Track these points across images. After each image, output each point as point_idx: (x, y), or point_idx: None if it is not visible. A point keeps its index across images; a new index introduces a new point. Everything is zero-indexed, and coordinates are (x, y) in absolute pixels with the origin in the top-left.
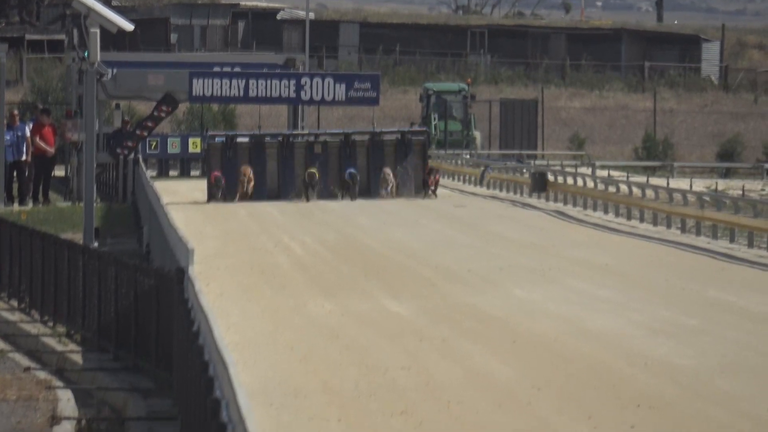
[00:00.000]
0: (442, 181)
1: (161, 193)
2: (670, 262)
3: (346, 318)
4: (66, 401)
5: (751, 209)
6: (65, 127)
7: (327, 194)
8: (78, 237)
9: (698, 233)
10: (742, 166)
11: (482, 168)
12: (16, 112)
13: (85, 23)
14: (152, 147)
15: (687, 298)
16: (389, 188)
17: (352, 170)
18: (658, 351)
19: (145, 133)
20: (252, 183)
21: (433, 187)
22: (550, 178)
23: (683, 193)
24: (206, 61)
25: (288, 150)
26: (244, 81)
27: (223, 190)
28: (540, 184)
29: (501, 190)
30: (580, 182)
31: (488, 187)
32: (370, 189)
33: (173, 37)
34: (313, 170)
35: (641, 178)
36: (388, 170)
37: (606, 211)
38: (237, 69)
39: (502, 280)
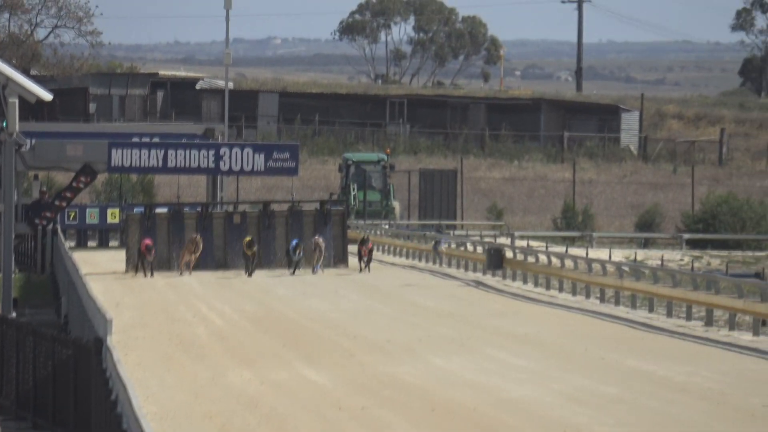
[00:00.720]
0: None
1: (80, 264)
2: (589, 331)
3: (265, 387)
4: None
5: (670, 279)
6: None
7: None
8: None
9: (617, 303)
10: (661, 236)
11: (433, 242)
12: None
13: (3, 93)
14: (71, 217)
15: (606, 366)
16: (320, 263)
17: (296, 241)
18: (577, 420)
19: (64, 204)
20: (199, 252)
21: (366, 259)
22: (508, 254)
23: (602, 263)
24: (125, 131)
25: (207, 221)
26: (163, 151)
27: (152, 264)
28: (496, 261)
29: (420, 260)
30: (509, 253)
31: (441, 263)
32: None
33: (92, 107)
34: (252, 250)
35: (560, 248)
36: (321, 240)
37: (525, 281)
38: (156, 139)
39: (421, 350)
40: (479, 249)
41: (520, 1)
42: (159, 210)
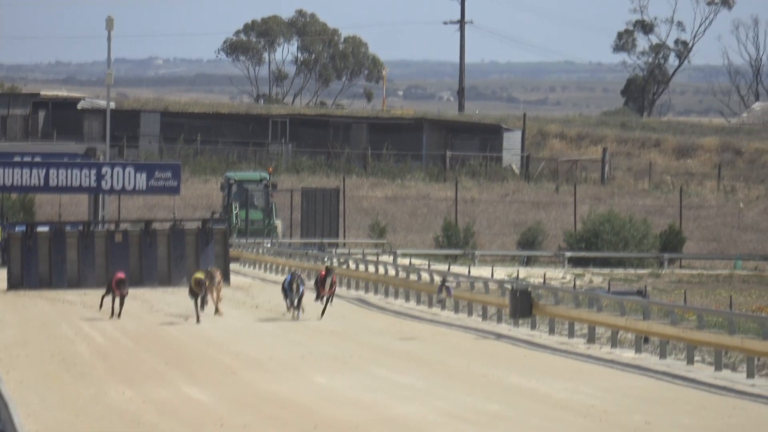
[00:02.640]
0: (243, 270)
1: None
2: (472, 348)
3: (147, 405)
4: None
5: (552, 297)
6: None
7: (129, 282)
8: None
9: (499, 320)
10: (543, 254)
11: (440, 282)
12: None
13: None
14: None
15: (488, 384)
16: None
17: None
18: None
19: None
20: (221, 289)
21: (326, 297)
22: (390, 272)
23: (484, 281)
24: (6, 150)
25: (89, 239)
26: (44, 170)
27: (123, 299)
28: (524, 306)
29: (307, 276)
30: (381, 270)
31: (443, 308)
32: (170, 277)
33: None
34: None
35: (442, 266)
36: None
37: (407, 299)
38: (38, 158)
39: (303, 368)
40: (362, 267)
41: (403, 21)
42: (40, 229)
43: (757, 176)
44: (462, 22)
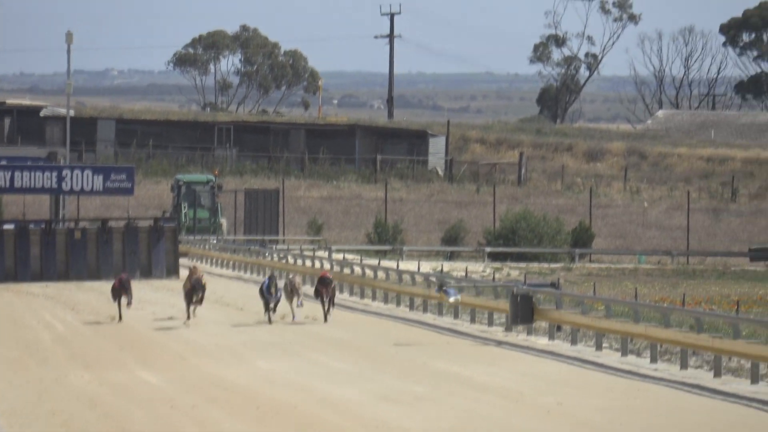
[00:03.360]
0: (188, 265)
1: None
2: (400, 336)
3: (104, 387)
4: None
5: (474, 289)
6: None
7: (83, 272)
8: None
9: (425, 310)
10: (465, 249)
11: (442, 287)
12: None
13: None
14: None
15: (415, 368)
16: (300, 301)
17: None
18: (389, 416)
19: None
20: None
21: (327, 305)
22: (326, 266)
23: (411, 274)
24: None
25: (51, 236)
26: (10, 173)
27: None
28: (524, 312)
29: (245, 272)
30: (318, 264)
31: (452, 315)
32: (125, 270)
33: None
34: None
35: (373, 261)
36: (298, 279)
37: (341, 291)
38: (3, 162)
39: (246, 354)
40: (299, 262)
41: (337, 36)
42: (6, 227)
43: (660, 178)
44: (391, 37)
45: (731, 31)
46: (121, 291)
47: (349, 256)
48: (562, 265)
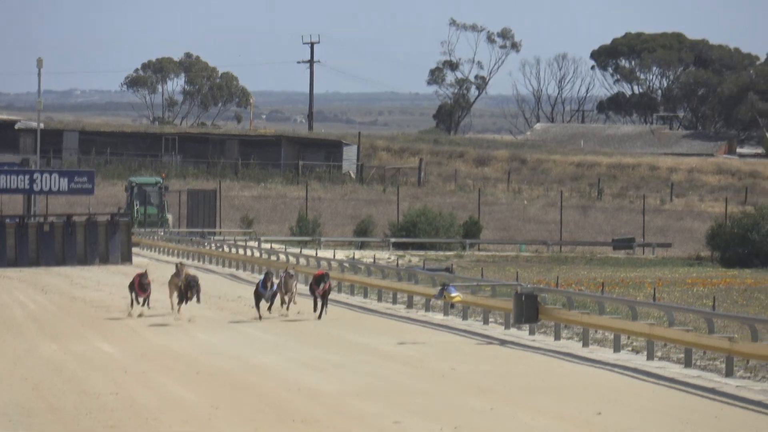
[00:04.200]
0: (143, 253)
1: None
2: (327, 316)
3: (68, 356)
4: None
5: (380, 273)
6: None
7: (51, 260)
8: None
9: (339, 291)
10: (373, 240)
11: (440, 287)
12: None
13: None
14: None
15: (332, 340)
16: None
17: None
18: (308, 380)
19: None
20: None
21: (321, 303)
22: (255, 254)
23: (328, 260)
24: None
25: (24, 229)
26: None
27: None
28: (530, 310)
29: (188, 258)
30: (249, 252)
31: (362, 295)
32: (86, 258)
33: None
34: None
35: (296, 249)
36: (292, 282)
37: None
38: None
39: (191, 328)
40: (233, 250)
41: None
42: None
43: (537, 180)
44: (311, 62)
45: (600, 57)
46: (138, 288)
47: (276, 246)
48: (455, 253)
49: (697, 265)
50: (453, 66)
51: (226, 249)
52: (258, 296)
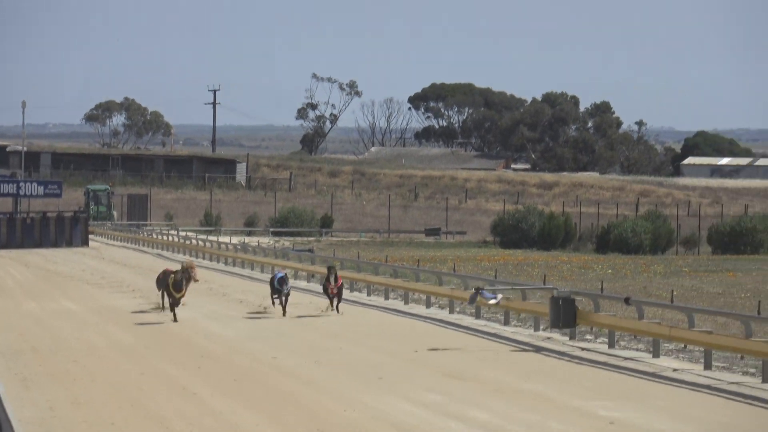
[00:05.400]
0: (95, 239)
1: None
2: (233, 285)
3: (44, 312)
4: None
5: (263, 252)
6: None
7: (32, 244)
8: None
9: (234, 265)
10: (257, 229)
11: (473, 290)
12: None
13: None
14: None
15: (224, 299)
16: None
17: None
18: (254, 346)
19: None
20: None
21: (336, 301)
22: (175, 239)
23: (226, 245)
24: None
25: (12, 222)
26: None
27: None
28: (567, 316)
29: (132, 243)
30: (173, 239)
31: (481, 316)
32: (56, 242)
33: None
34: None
35: (204, 236)
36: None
37: (184, 253)
38: None
39: (132, 293)
40: (160, 237)
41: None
42: None
43: (372, 187)
44: (214, 103)
45: (415, 100)
46: (166, 282)
47: (189, 234)
48: (315, 238)
49: (484, 247)
50: (313, 106)
51: (155, 236)
52: (273, 291)
